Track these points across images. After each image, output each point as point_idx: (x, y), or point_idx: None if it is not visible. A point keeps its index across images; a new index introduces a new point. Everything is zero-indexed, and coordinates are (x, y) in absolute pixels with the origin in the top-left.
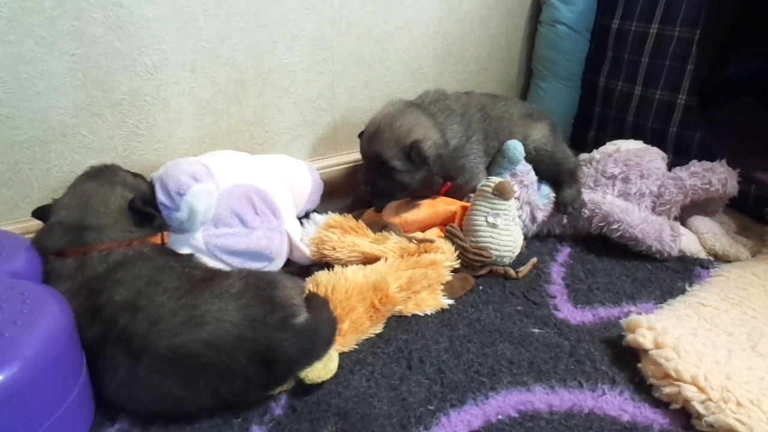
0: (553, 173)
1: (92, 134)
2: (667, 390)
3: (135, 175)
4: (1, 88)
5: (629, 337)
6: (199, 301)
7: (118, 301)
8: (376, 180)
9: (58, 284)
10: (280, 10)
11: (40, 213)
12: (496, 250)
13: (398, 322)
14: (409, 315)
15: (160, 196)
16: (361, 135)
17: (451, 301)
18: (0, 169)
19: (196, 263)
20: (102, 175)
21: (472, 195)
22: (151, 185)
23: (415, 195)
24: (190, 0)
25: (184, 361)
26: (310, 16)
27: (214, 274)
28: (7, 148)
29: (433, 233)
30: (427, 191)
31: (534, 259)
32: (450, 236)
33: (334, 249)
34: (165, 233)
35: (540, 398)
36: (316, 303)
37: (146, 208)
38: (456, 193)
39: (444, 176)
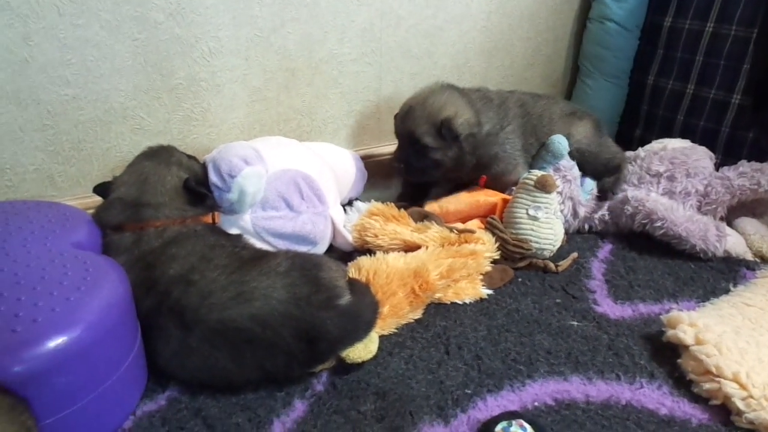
0: (600, 173)
1: (150, 116)
2: (708, 386)
3: (189, 156)
4: (68, 70)
5: (670, 332)
6: (248, 278)
7: (171, 274)
8: (409, 158)
9: (116, 256)
10: (332, 1)
11: (100, 189)
12: (536, 242)
13: (437, 309)
14: (448, 303)
15: (213, 177)
16: (396, 116)
17: (489, 291)
18: (65, 147)
19: (245, 243)
20: (159, 155)
21: (514, 188)
22: (204, 167)
23: (448, 176)
24: None
25: (232, 334)
26: (361, 8)
27: (262, 254)
28: (72, 127)
29: (474, 225)
30: (461, 171)
31: (574, 254)
32: (490, 228)
33: (376, 236)
34: (216, 213)
35: (577, 388)
36: (359, 287)
37: (199, 188)
38: (494, 186)
39: (478, 164)
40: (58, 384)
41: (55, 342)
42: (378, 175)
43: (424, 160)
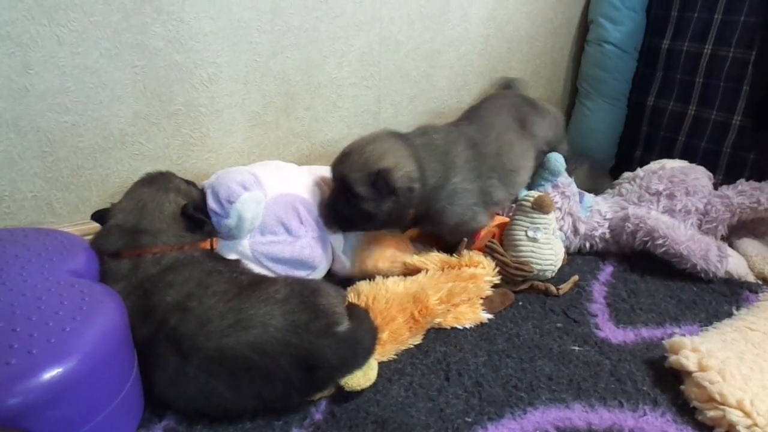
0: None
1: (149, 142)
2: (711, 414)
3: (188, 182)
4: (68, 97)
5: (672, 358)
6: (246, 305)
7: (169, 302)
8: (339, 205)
9: (113, 284)
10: (331, 27)
11: (98, 216)
12: (537, 264)
13: (437, 334)
14: (448, 328)
15: (211, 203)
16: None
17: (490, 316)
18: (63, 173)
19: (243, 269)
20: (157, 181)
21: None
22: (202, 192)
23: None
24: (246, 16)
25: (230, 362)
26: (360, 33)
27: (260, 280)
28: (71, 153)
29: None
30: (399, 225)
31: (575, 277)
32: (490, 252)
33: (377, 260)
34: (214, 239)
35: (579, 416)
36: (358, 313)
37: (198, 214)
38: (454, 237)
39: (425, 217)
40: (54, 416)
41: (50, 374)
42: None
43: (353, 211)
